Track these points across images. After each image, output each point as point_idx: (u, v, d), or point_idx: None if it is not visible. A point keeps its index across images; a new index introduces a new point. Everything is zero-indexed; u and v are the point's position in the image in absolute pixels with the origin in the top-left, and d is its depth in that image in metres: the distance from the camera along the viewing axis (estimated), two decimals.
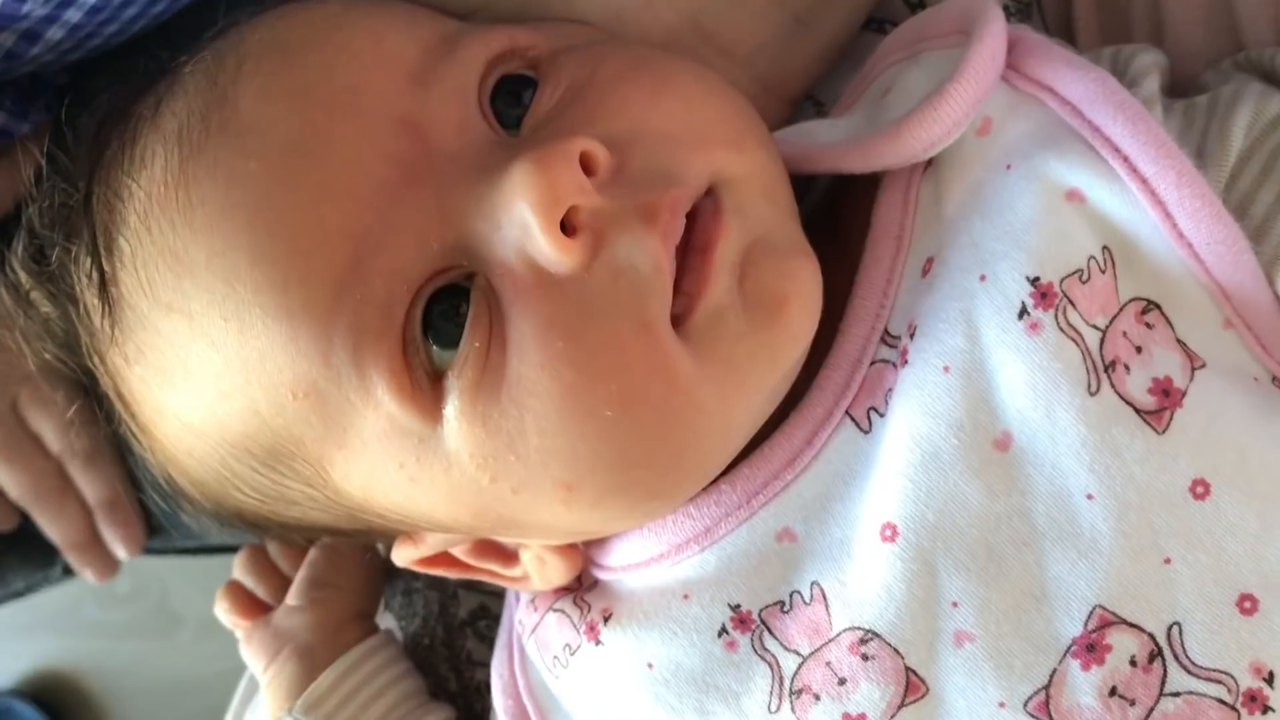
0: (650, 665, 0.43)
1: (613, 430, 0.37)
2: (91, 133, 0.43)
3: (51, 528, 0.71)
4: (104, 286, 0.41)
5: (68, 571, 0.87)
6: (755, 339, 0.38)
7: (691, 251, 0.38)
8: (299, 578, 0.60)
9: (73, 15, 0.55)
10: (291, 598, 0.60)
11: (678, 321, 0.37)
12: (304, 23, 0.41)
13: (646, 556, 0.44)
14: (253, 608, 0.61)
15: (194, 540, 0.74)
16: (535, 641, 0.47)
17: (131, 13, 0.59)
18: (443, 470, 0.39)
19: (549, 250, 0.36)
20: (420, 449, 0.38)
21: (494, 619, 0.59)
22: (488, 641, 0.58)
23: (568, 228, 0.36)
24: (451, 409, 0.37)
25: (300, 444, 0.40)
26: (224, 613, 0.62)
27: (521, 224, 0.36)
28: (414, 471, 0.39)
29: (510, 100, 0.40)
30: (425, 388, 0.38)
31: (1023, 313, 0.38)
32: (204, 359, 0.39)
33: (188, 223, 0.38)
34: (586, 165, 0.36)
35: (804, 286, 0.39)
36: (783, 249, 0.39)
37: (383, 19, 0.41)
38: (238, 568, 0.64)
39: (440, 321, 0.37)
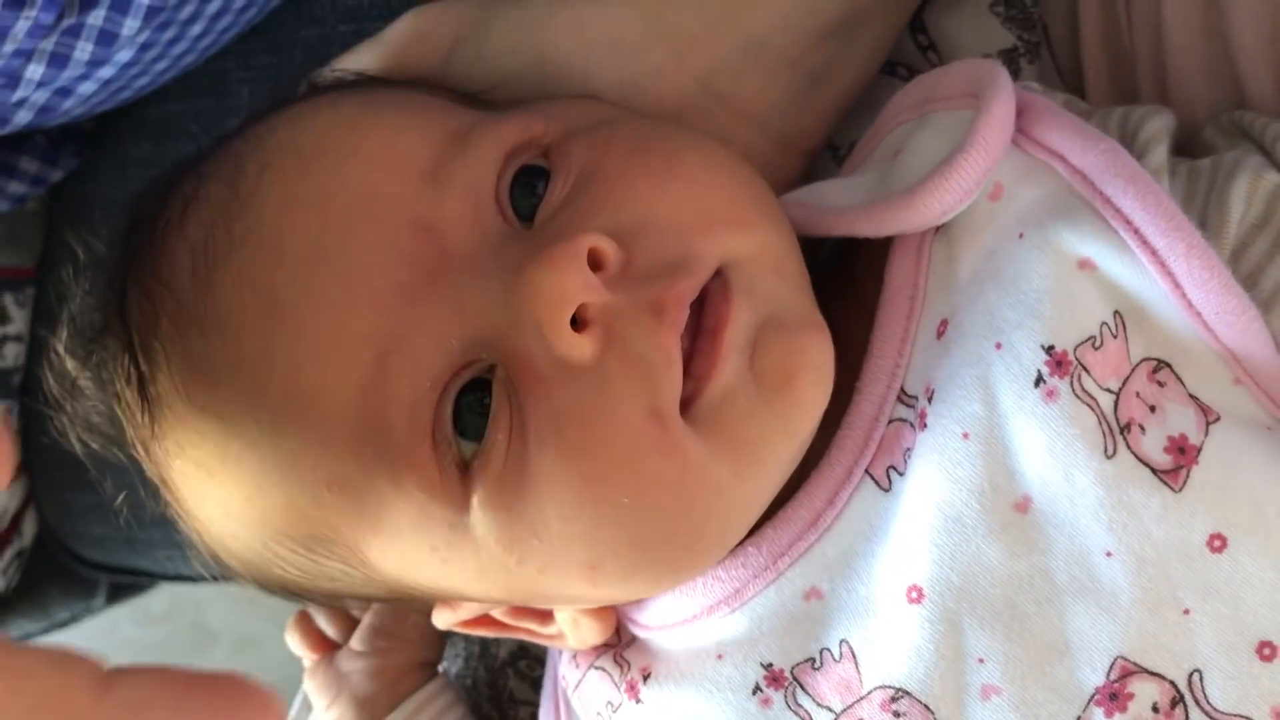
0: None
1: (630, 515, 0.38)
2: (124, 232, 0.45)
3: None
4: (142, 385, 0.42)
5: (110, 600, 0.89)
6: (767, 415, 0.39)
7: (701, 334, 0.39)
8: (363, 624, 0.61)
9: (106, 71, 0.56)
10: (355, 643, 0.61)
11: (687, 404, 0.39)
12: (320, 127, 0.42)
13: (680, 618, 0.45)
14: (319, 643, 0.62)
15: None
16: (579, 697, 0.49)
17: (162, 66, 0.61)
18: (472, 553, 0.40)
19: (559, 345, 0.37)
20: (451, 534, 0.40)
21: (534, 658, 0.60)
22: (529, 680, 0.60)
23: (578, 322, 0.37)
24: (478, 499, 0.39)
25: (337, 530, 0.41)
26: (293, 643, 0.63)
27: (534, 323, 0.37)
28: (445, 554, 0.41)
29: (525, 190, 0.41)
30: (454, 479, 0.39)
31: (1039, 381, 0.39)
32: (240, 457, 0.40)
33: (218, 331, 0.39)
34: (595, 260, 0.37)
35: (814, 360, 0.40)
36: (793, 324, 0.40)
37: (395, 119, 0.42)
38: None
39: (467, 414, 0.39)
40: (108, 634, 1.47)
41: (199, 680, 0.30)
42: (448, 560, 0.41)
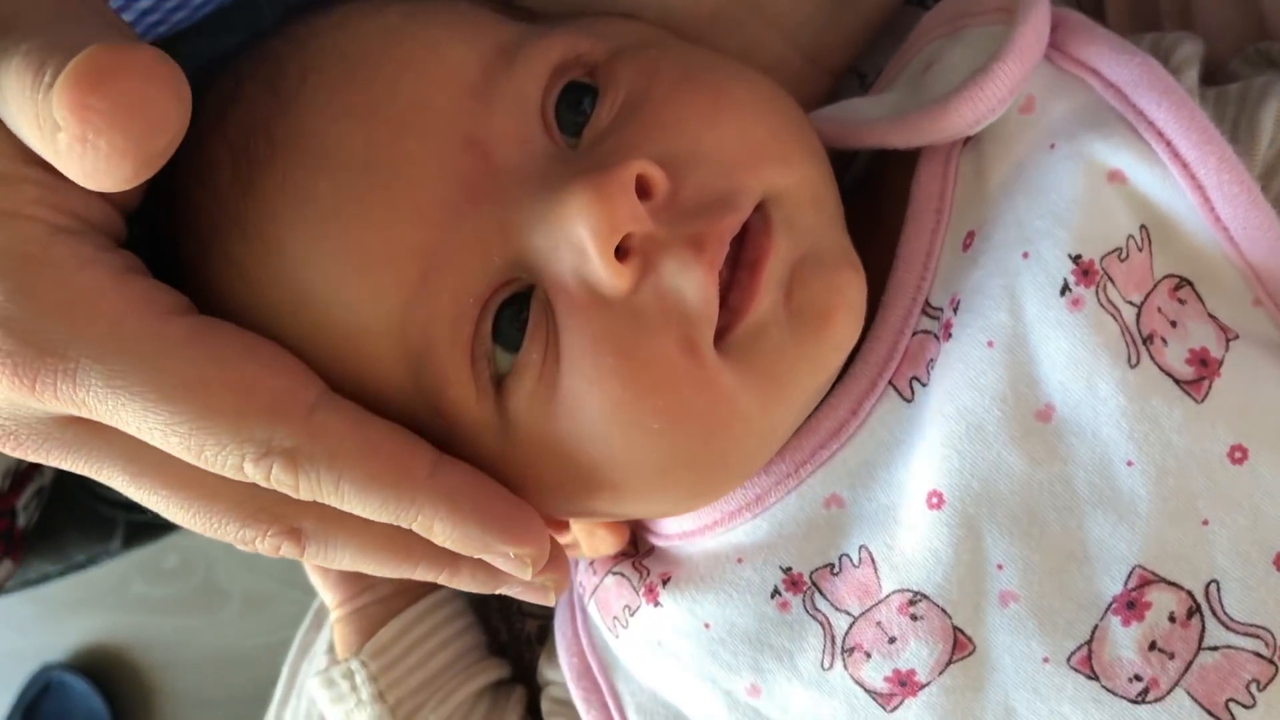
0: (707, 625, 0.45)
1: (658, 441, 0.39)
2: None
3: None
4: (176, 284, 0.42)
5: (126, 544, 0.90)
6: (798, 350, 0.40)
7: (740, 266, 0.39)
8: None
9: (143, 2, 0.56)
10: None
11: (721, 334, 0.39)
12: (365, 35, 0.41)
13: (700, 525, 0.46)
14: None
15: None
16: (596, 603, 0.49)
17: (181, 15, 0.60)
18: (500, 466, 0.40)
19: (602, 273, 0.37)
20: (479, 447, 0.40)
21: None
22: None
23: (620, 251, 0.37)
24: (510, 413, 0.39)
25: None
26: None
27: (578, 247, 0.37)
28: (477, 466, 0.41)
29: (570, 107, 0.41)
30: (489, 393, 0.39)
31: (1065, 289, 0.39)
32: None
33: (259, 234, 0.39)
34: (643, 188, 0.37)
35: (850, 299, 0.40)
36: (830, 262, 0.40)
37: (442, 30, 0.41)
38: None
39: (507, 328, 0.39)
40: (119, 590, 1.49)
41: (503, 496, 0.38)
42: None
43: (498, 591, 0.41)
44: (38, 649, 1.50)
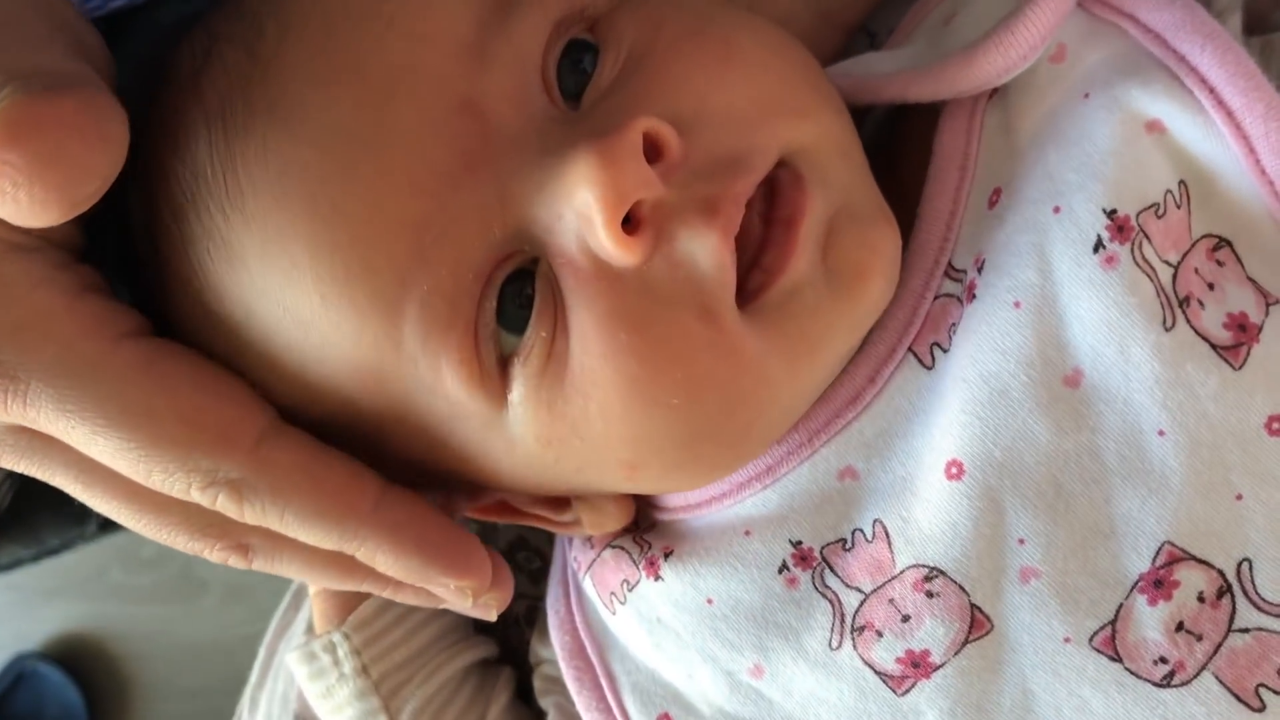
0: (710, 601, 0.43)
1: (678, 415, 0.37)
2: (130, 95, 0.42)
3: None
4: (156, 261, 0.40)
5: (102, 528, 0.87)
6: (833, 310, 0.38)
7: (775, 224, 0.37)
8: None
9: None
10: None
11: (753, 296, 0.37)
12: None
13: (707, 497, 0.44)
14: None
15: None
16: (591, 578, 0.47)
17: None
18: (506, 449, 0.39)
19: (611, 248, 0.35)
20: (485, 429, 0.39)
21: (533, 550, 0.59)
22: (526, 573, 0.58)
23: (629, 222, 0.35)
24: (517, 395, 0.37)
25: (361, 416, 0.40)
26: None
27: (583, 216, 0.35)
28: (479, 448, 0.39)
29: (570, 67, 0.39)
30: (493, 374, 0.37)
31: (1098, 246, 0.37)
32: (260, 344, 0.38)
33: (238, 209, 0.37)
34: (652, 149, 0.35)
35: (886, 254, 0.39)
36: (865, 217, 0.39)
37: None
38: None
39: (510, 307, 0.37)
40: (96, 579, 1.46)
41: (445, 529, 0.39)
42: (482, 454, 0.40)
43: (439, 608, 0.42)
44: (12, 638, 1.47)
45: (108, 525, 0.92)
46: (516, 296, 0.37)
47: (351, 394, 0.39)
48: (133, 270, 0.42)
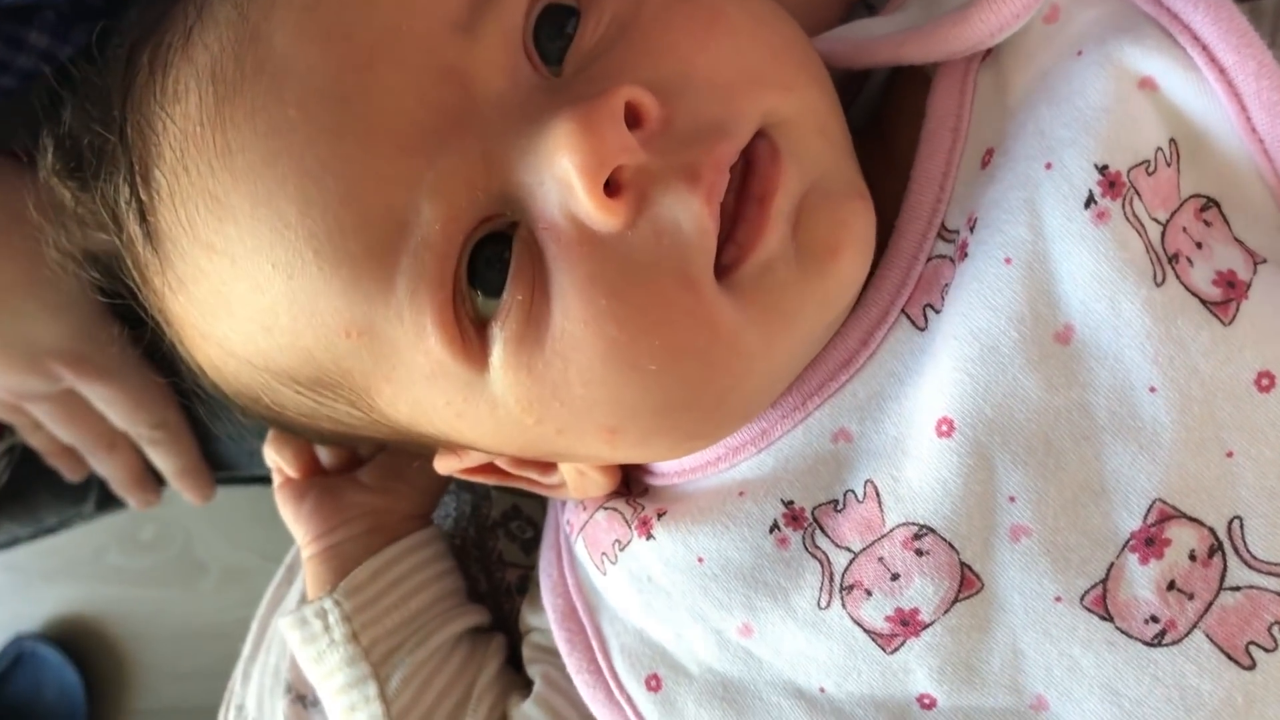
0: (700, 560, 0.43)
1: (657, 381, 0.37)
2: (124, 55, 0.42)
3: (106, 473, 0.73)
4: (143, 216, 0.40)
5: (100, 508, 0.87)
6: (805, 286, 0.38)
7: (747, 200, 0.37)
8: (378, 460, 0.57)
9: None
10: (366, 476, 0.57)
11: (727, 270, 0.37)
12: None
13: (702, 461, 0.44)
14: (308, 465, 0.58)
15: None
16: (583, 539, 0.47)
17: None
18: (489, 410, 0.39)
19: (592, 211, 0.35)
20: (467, 391, 0.39)
21: (526, 520, 0.59)
22: (519, 542, 0.58)
23: (611, 186, 0.35)
24: (497, 358, 0.37)
25: (348, 375, 0.40)
26: (274, 452, 0.58)
27: (564, 182, 0.35)
28: (460, 409, 0.39)
29: (553, 32, 0.39)
30: (472, 336, 0.38)
31: (1090, 201, 0.37)
32: (249, 299, 0.38)
33: (227, 167, 0.37)
34: (633, 116, 0.35)
35: (858, 232, 0.39)
36: (838, 193, 0.39)
37: None
38: None
39: (485, 270, 0.37)
40: (94, 561, 1.46)
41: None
42: (462, 415, 0.40)
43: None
44: (11, 619, 1.47)
45: (105, 505, 0.92)
46: (495, 261, 0.37)
47: (344, 353, 0.39)
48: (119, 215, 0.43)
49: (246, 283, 0.38)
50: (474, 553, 0.59)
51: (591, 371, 0.37)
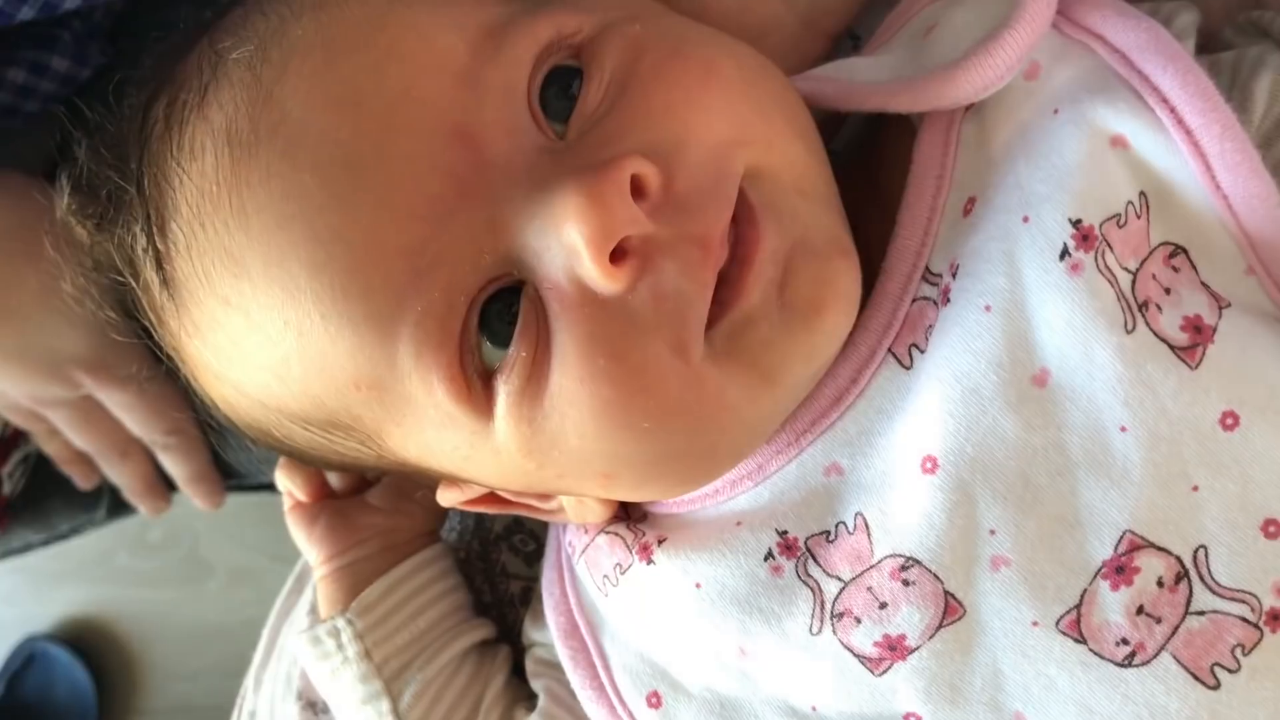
0: (698, 585, 0.45)
1: (649, 437, 0.39)
2: (139, 106, 0.43)
3: (119, 479, 0.75)
4: (160, 264, 0.42)
5: (111, 514, 0.89)
6: (788, 343, 0.39)
7: (733, 262, 0.39)
8: (386, 482, 0.59)
9: None
10: (375, 498, 0.59)
11: (709, 324, 0.38)
12: (349, 20, 0.39)
13: (701, 494, 0.46)
14: (317, 489, 0.60)
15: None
16: (585, 562, 0.49)
17: None
18: (493, 455, 0.41)
19: (598, 278, 0.37)
20: (474, 438, 0.41)
21: (528, 533, 0.61)
22: (522, 555, 0.60)
23: (617, 253, 0.37)
24: (501, 409, 0.39)
25: (359, 420, 0.42)
26: (285, 478, 0.60)
27: (570, 249, 0.37)
28: (467, 453, 0.41)
29: (558, 92, 0.40)
30: (479, 389, 0.39)
31: (1064, 253, 0.39)
32: (262, 350, 0.40)
33: (242, 227, 0.38)
34: (637, 186, 0.37)
35: (842, 289, 0.40)
36: (822, 251, 0.40)
37: (427, 14, 0.40)
38: None
39: (495, 322, 0.39)
40: (103, 562, 1.48)
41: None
42: (469, 459, 0.42)
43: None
44: (22, 620, 1.49)
45: (116, 511, 0.94)
46: (504, 313, 0.39)
47: (349, 400, 0.41)
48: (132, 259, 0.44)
49: (260, 335, 0.40)
50: (478, 565, 0.61)
51: (586, 426, 0.39)
